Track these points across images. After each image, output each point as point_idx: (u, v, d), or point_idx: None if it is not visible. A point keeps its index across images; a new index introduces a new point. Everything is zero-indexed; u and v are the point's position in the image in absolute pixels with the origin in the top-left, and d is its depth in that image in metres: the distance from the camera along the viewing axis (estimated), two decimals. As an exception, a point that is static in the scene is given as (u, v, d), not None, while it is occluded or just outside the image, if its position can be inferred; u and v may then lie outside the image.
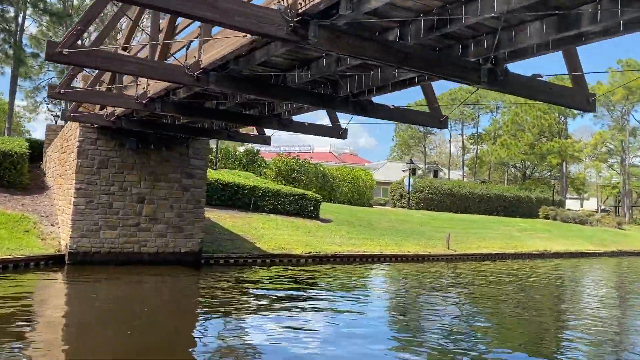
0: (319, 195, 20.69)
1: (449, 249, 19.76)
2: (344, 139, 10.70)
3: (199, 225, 13.57)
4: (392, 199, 40.19)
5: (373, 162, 76.84)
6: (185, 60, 7.18)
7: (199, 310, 9.66)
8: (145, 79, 8.46)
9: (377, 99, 8.14)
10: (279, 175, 31.66)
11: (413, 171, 68.23)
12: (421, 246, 19.31)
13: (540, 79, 6.11)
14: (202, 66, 6.73)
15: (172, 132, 12.47)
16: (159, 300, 10.38)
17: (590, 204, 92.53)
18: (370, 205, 37.21)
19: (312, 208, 20.12)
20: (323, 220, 20.46)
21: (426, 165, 63.71)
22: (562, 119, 47.33)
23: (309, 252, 15.70)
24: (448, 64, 5.59)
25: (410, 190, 34.06)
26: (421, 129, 61.91)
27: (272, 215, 19.25)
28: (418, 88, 7.36)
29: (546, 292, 14.25)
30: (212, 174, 19.13)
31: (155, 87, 8.57)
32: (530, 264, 20.44)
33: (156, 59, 7.44)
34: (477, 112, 58.45)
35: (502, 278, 15.87)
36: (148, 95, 8.83)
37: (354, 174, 35.50)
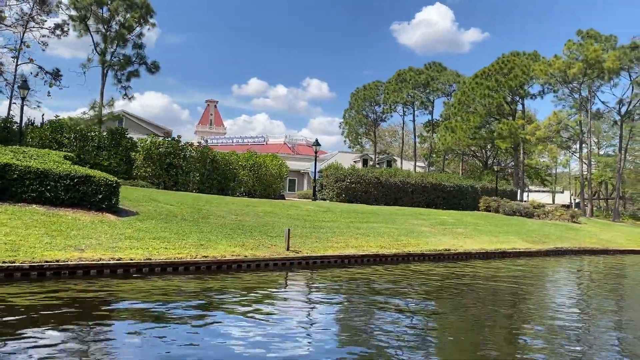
0: (113, 178, 14.83)
1: (288, 249, 14.07)
2: None
3: None
4: (315, 190, 34.60)
5: (328, 153, 71.32)
6: None
7: None
8: None
9: None
10: (148, 160, 25.86)
11: (364, 162, 63.03)
12: (245, 247, 13.60)
13: None
14: None
15: None
16: None
17: (564, 197, 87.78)
18: (281, 197, 31.53)
19: (101, 196, 14.30)
20: (121, 214, 14.69)
21: (377, 156, 58.16)
22: (516, 98, 41.85)
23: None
24: None
25: (317, 178, 28.40)
26: (371, 115, 56.36)
27: (34, 206, 13.45)
28: None
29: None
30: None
31: None
32: (401, 268, 14.82)
33: None
34: (431, 96, 52.95)
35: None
36: None
37: (255, 160, 29.69)
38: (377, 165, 57.99)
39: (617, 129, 43.42)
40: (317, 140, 28.88)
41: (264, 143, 74.45)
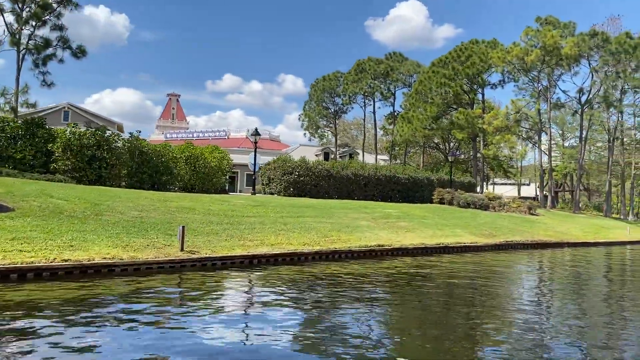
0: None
1: (183, 250, 12.10)
2: None
3: None
4: (262, 184, 32.64)
5: (291, 147, 69.25)
6: None
7: None
8: None
9: None
10: (68, 152, 23.47)
11: (326, 155, 61.22)
12: (128, 248, 11.56)
13: None
14: None
15: None
16: None
17: (530, 190, 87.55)
18: (223, 192, 29.47)
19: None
20: (-12, 210, 12.49)
21: (339, 149, 56.38)
22: (475, 87, 40.45)
23: None
24: None
25: (257, 170, 26.43)
26: (331, 107, 54.45)
27: None
28: None
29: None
30: None
31: None
32: (319, 268, 13.00)
33: None
34: (392, 87, 51.28)
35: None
36: None
37: (192, 152, 27.53)
38: (340, 159, 56.31)
39: (578, 118, 42.50)
40: (256, 129, 26.88)
41: (226, 137, 71.90)
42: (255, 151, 26.52)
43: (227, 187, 52.56)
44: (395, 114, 50.36)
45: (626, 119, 51.05)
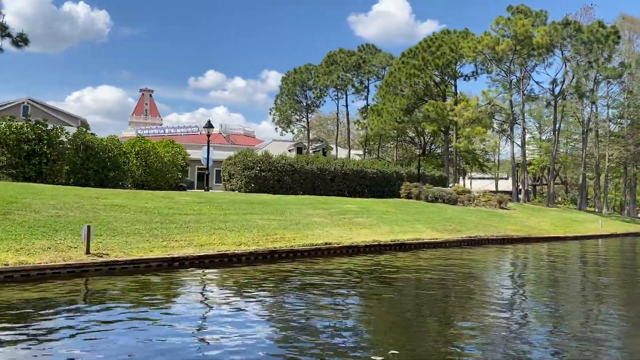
0: None
1: (89, 252, 10.68)
2: None
3: None
4: (224, 180, 31.22)
5: (263, 142, 67.74)
6: None
7: None
8: None
9: None
10: (4, 146, 21.81)
11: (299, 150, 59.85)
12: (22, 252, 10.11)
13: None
14: None
15: None
16: None
17: (508, 184, 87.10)
18: (179, 189, 27.99)
19: None
20: None
21: (311, 144, 54.99)
22: (447, 79, 39.36)
23: None
24: None
25: (210, 164, 24.98)
26: (304, 100, 52.95)
27: None
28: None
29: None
30: None
31: None
32: (243, 270, 11.68)
33: None
34: (365, 80, 49.96)
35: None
36: None
37: (143, 146, 25.97)
38: (313, 153, 54.93)
39: (553, 111, 41.69)
40: (209, 121, 25.34)
41: (198, 133, 70.13)
42: (208, 144, 25.06)
43: (195, 184, 50.94)
44: (369, 107, 49.14)
45: (601, 110, 50.59)
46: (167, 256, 11.56)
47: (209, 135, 25.21)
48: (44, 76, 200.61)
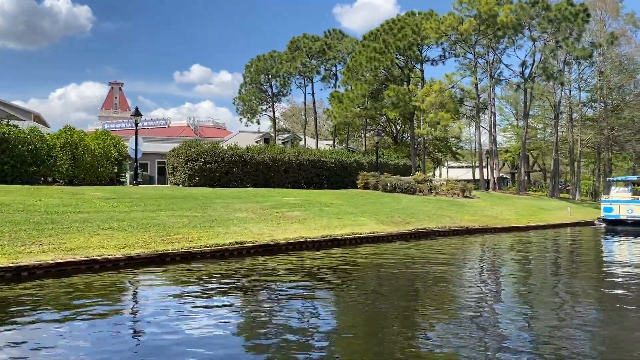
0: None
1: None
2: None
3: None
4: (168, 173, 29.13)
5: (232, 134, 65.50)
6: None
7: None
8: None
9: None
10: None
11: (266, 141, 57.75)
12: None
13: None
14: None
15: None
16: None
17: (486, 172, 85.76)
18: (113, 184, 25.84)
19: None
20: None
21: (278, 134, 52.85)
22: (413, 63, 37.45)
23: None
24: None
25: (139, 157, 22.87)
26: (269, 89, 50.70)
27: None
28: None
29: None
30: None
31: None
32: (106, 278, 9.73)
33: None
34: (332, 66, 47.83)
35: None
36: None
37: (70, 138, 23.72)
38: (282, 144, 52.86)
39: (522, 95, 40.02)
40: (137, 109, 23.13)
41: (166, 127, 67.80)
42: (136, 134, 22.90)
43: (156, 178, 48.62)
44: (330, 94, 47.15)
45: (574, 94, 49.05)
46: (11, 265, 9.50)
47: (136, 124, 23.03)
48: (25, 73, 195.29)
